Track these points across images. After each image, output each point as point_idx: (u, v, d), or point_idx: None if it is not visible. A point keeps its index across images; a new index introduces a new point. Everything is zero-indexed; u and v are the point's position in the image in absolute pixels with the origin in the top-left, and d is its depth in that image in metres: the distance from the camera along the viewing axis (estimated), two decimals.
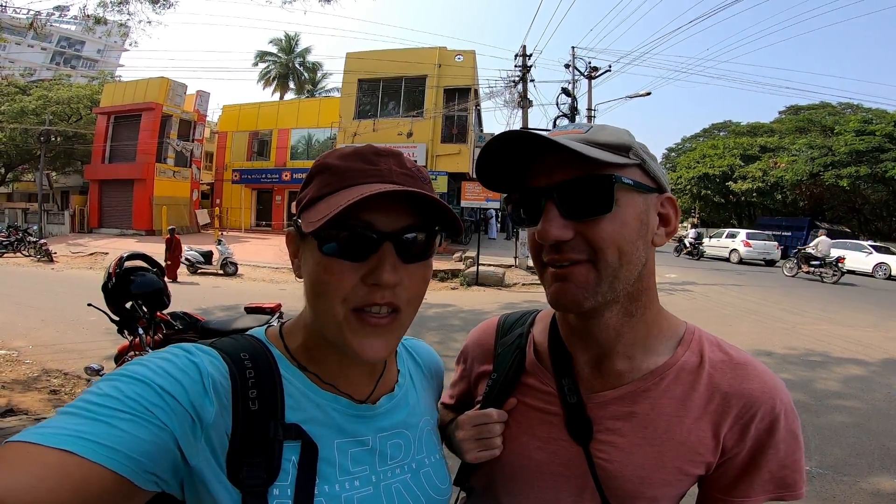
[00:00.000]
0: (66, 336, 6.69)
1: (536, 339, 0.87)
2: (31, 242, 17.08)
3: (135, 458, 0.49)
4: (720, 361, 0.74)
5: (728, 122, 42.79)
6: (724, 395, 0.71)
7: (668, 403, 0.72)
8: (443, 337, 6.99)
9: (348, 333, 0.64)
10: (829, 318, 9.35)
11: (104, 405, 0.51)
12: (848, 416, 4.62)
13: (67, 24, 13.13)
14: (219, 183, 27.43)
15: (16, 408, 4.21)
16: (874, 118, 25.23)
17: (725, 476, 0.72)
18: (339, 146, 0.75)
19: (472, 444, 0.81)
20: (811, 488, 3.29)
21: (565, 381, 0.78)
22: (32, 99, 25.88)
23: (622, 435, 0.73)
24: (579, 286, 0.68)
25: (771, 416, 0.69)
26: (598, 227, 0.66)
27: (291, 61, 40.32)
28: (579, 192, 0.66)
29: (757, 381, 0.71)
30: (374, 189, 0.61)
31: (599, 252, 0.66)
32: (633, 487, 0.71)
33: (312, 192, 0.67)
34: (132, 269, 3.82)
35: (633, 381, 0.74)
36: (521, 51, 16.29)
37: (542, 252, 0.70)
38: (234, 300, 9.24)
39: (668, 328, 0.78)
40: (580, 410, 0.76)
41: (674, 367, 0.74)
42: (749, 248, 20.32)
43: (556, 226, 0.66)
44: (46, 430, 0.48)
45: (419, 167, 0.71)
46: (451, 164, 19.80)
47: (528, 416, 0.81)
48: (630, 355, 0.75)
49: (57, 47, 53.21)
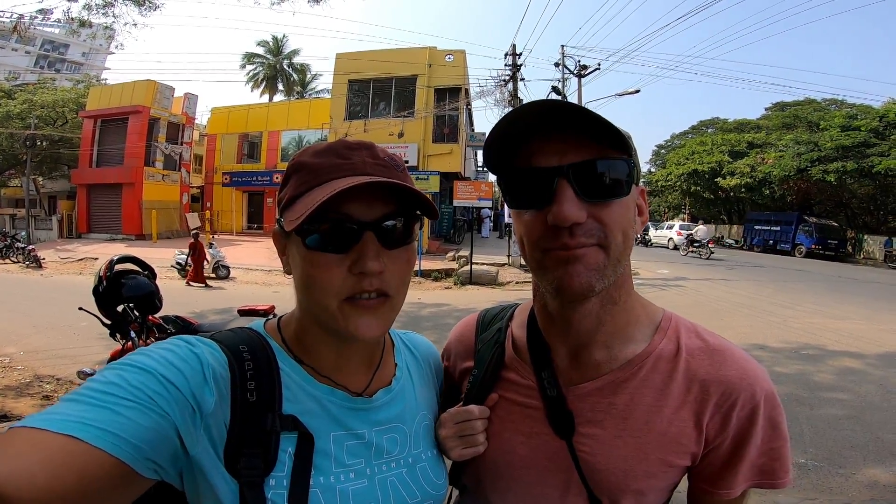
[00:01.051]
0: (57, 342, 6.61)
1: (515, 334, 0.86)
2: (19, 249, 16.80)
3: (136, 445, 0.50)
4: (697, 348, 0.73)
5: (716, 119, 43.06)
6: (702, 382, 0.70)
7: (647, 394, 0.71)
8: (438, 336, 6.96)
9: (342, 320, 0.66)
10: (822, 312, 9.47)
11: (108, 392, 0.52)
12: (842, 408, 4.67)
13: (51, 27, 12.95)
14: (209, 186, 27.18)
15: (9, 414, 4.18)
16: (859, 113, 25.51)
17: (711, 466, 0.72)
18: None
19: (454, 442, 0.80)
20: (807, 480, 3.32)
21: (544, 374, 0.78)
22: (17, 103, 25.43)
23: (603, 427, 0.72)
24: (591, 269, 0.66)
25: (751, 403, 0.69)
26: (611, 209, 0.66)
27: (279, 63, 40.08)
28: (598, 174, 0.65)
29: (734, 367, 0.70)
30: (349, 182, 0.62)
31: (610, 235, 0.66)
32: (618, 480, 0.71)
33: (290, 191, 0.68)
34: (123, 273, 3.76)
35: (611, 371, 0.74)
36: (511, 50, 16.34)
37: (547, 237, 0.67)
38: (227, 303, 9.18)
39: (645, 316, 0.77)
40: (561, 403, 0.75)
41: (651, 356, 0.73)
42: (681, 236, 25.10)
43: (575, 207, 0.64)
44: (51, 415, 0.49)
45: (392, 155, 0.72)
46: (443, 163, 19.77)
47: (510, 412, 0.80)
48: (608, 345, 0.74)
49: (41, 51, 52.36)
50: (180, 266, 13.46)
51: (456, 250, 16.83)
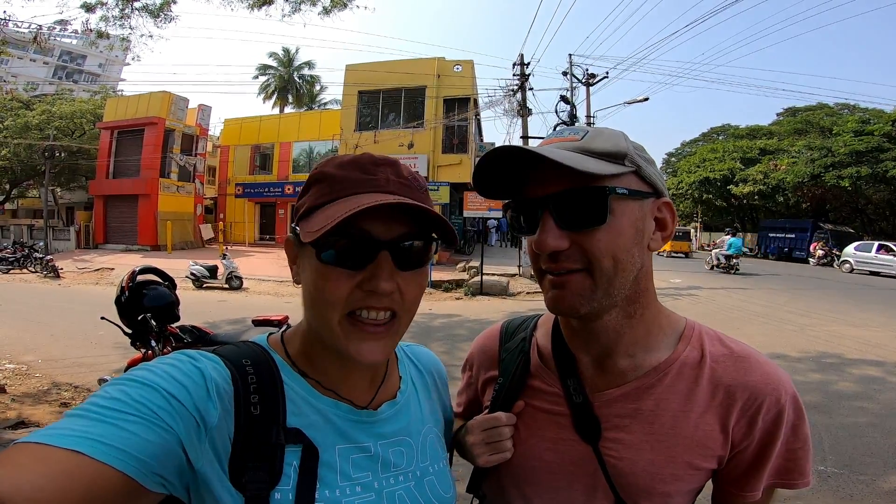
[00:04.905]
0: (74, 350, 6.71)
1: (539, 343, 0.88)
2: (37, 258, 17.07)
3: (142, 460, 0.50)
4: (721, 355, 0.75)
5: (727, 126, 42.75)
6: (727, 388, 0.72)
7: (673, 399, 0.73)
8: (449, 347, 6.97)
9: (343, 338, 0.66)
10: (839, 319, 9.34)
11: (112, 408, 0.52)
12: (862, 415, 4.60)
13: (69, 38, 13.23)
14: (222, 197, 27.51)
15: (27, 420, 4.25)
16: (872, 118, 25.27)
17: (736, 469, 0.73)
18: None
19: (482, 448, 0.82)
20: (827, 487, 3.27)
21: (570, 382, 0.79)
22: (36, 114, 25.86)
23: (630, 432, 0.74)
24: (575, 294, 0.69)
25: (777, 407, 0.71)
26: (594, 237, 0.68)
27: (290, 74, 40.62)
28: (573, 204, 0.68)
29: (759, 373, 0.72)
30: (373, 200, 0.62)
31: (595, 261, 0.68)
32: (645, 483, 0.72)
33: (310, 200, 0.68)
34: (145, 283, 3.84)
35: (636, 378, 0.76)
36: (519, 59, 16.39)
37: (540, 260, 0.72)
38: (240, 313, 9.25)
39: (668, 325, 0.79)
40: (587, 409, 0.77)
41: (676, 363, 0.75)
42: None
43: (553, 236, 0.68)
44: (56, 431, 0.49)
45: (416, 175, 0.71)
46: (453, 174, 19.82)
47: (536, 418, 0.82)
48: (631, 353, 0.76)
49: (59, 62, 53.47)
50: (195, 277, 13.63)
51: (466, 261, 16.82)
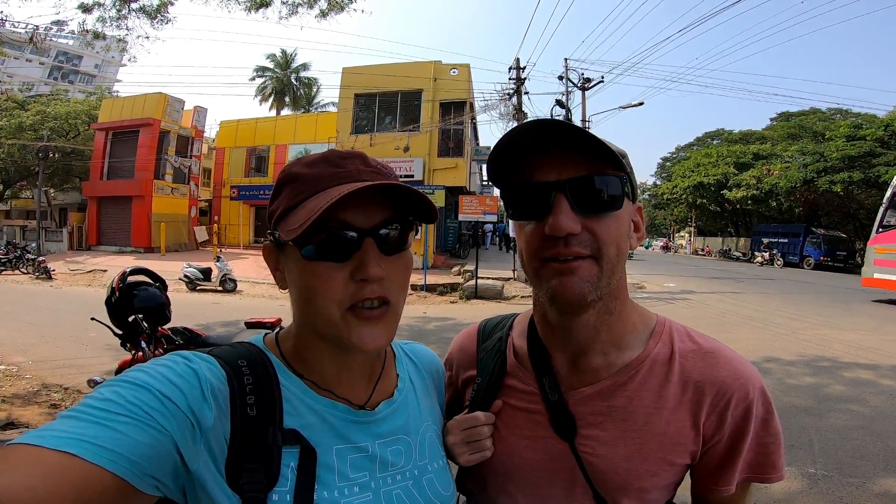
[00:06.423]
0: (65, 352, 6.66)
1: (516, 342, 0.90)
2: (29, 260, 16.96)
3: (134, 461, 0.50)
4: (690, 351, 0.77)
5: (721, 130, 43.11)
6: (696, 384, 0.74)
7: (645, 396, 0.75)
8: (443, 350, 6.83)
9: (346, 331, 0.66)
10: (829, 323, 9.40)
11: (105, 409, 0.52)
12: (852, 418, 4.63)
13: (65, 38, 13.20)
14: (217, 199, 27.42)
15: (16, 421, 4.21)
16: (864, 123, 25.48)
17: (710, 464, 0.75)
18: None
19: (462, 448, 0.83)
20: (818, 490, 3.29)
21: (546, 380, 0.81)
22: (30, 114, 25.67)
23: (604, 429, 0.76)
24: (584, 280, 0.70)
25: (745, 402, 0.72)
26: (605, 223, 0.70)
27: (287, 76, 40.59)
28: (593, 189, 0.70)
29: (726, 368, 0.74)
30: (349, 188, 0.62)
31: (603, 248, 0.70)
32: (621, 479, 0.74)
33: (285, 202, 0.68)
34: (135, 284, 3.81)
35: (609, 375, 0.77)
36: (515, 63, 16.46)
37: (544, 247, 0.71)
38: (234, 316, 9.21)
39: (640, 322, 0.81)
40: (562, 407, 0.79)
41: (647, 360, 0.77)
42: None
43: (569, 218, 0.69)
44: (48, 432, 0.49)
45: (383, 163, 0.73)
46: (449, 177, 19.81)
47: (514, 417, 0.83)
48: (605, 351, 0.78)
49: (55, 62, 53.15)
50: (188, 279, 13.56)
51: (461, 265, 16.84)
